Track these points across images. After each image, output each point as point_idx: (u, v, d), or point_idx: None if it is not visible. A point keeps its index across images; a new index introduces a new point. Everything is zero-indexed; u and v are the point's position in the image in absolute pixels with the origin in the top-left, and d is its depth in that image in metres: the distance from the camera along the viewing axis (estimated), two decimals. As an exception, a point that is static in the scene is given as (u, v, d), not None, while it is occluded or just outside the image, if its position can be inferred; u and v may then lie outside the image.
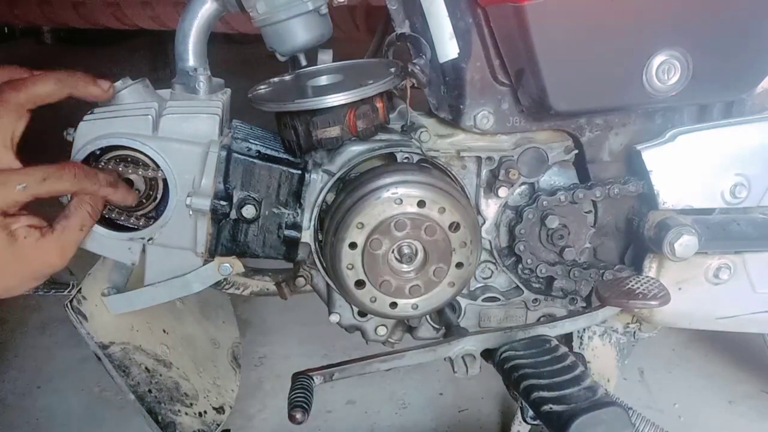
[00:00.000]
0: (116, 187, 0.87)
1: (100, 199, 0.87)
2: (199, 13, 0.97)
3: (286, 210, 0.96)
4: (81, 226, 0.85)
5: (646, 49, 0.92)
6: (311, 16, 0.97)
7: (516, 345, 0.91)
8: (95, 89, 0.89)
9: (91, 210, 0.86)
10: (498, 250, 1.07)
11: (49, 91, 0.85)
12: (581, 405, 0.77)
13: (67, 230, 0.84)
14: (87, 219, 0.85)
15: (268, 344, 1.75)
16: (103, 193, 0.86)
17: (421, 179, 0.90)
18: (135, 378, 1.02)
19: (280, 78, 1.03)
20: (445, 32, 0.96)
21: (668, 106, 1.03)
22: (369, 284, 0.91)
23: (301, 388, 0.86)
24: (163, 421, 1.02)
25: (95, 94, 0.89)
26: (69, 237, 0.84)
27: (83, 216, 0.85)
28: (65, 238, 0.83)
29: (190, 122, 0.92)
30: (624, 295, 0.91)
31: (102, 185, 0.85)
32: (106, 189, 0.86)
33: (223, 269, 0.98)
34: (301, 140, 0.93)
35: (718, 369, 1.63)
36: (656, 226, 1.01)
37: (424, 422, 1.50)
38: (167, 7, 2.30)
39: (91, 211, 0.86)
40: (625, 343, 1.15)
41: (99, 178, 0.85)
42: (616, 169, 1.06)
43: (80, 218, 0.85)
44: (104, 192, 0.86)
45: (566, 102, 0.94)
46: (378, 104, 0.94)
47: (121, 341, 1.02)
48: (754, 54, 0.96)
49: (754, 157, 1.02)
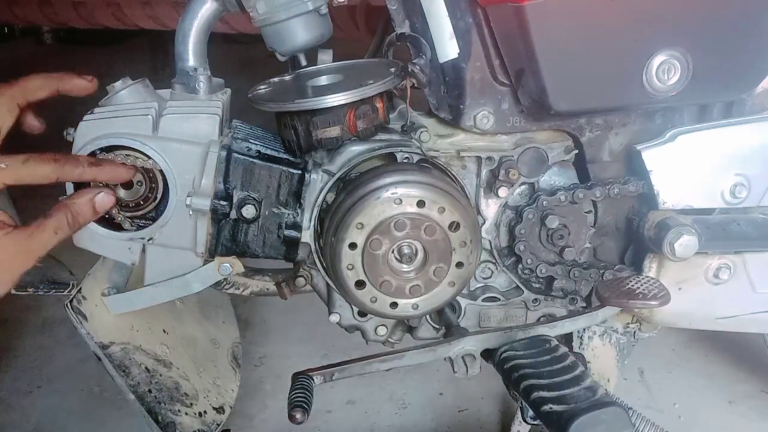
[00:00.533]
0: (100, 166, 0.87)
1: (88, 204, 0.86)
2: (199, 13, 0.97)
3: (286, 210, 0.96)
4: (56, 229, 0.82)
5: (646, 49, 0.92)
6: (311, 16, 0.97)
7: (516, 345, 0.91)
8: (80, 81, 0.90)
9: (71, 218, 0.84)
10: (498, 250, 1.08)
11: (38, 84, 0.87)
12: (581, 405, 0.77)
13: (40, 230, 0.81)
14: (64, 225, 0.83)
15: (268, 344, 1.76)
16: (88, 175, 0.85)
17: (421, 179, 0.90)
18: (135, 378, 1.02)
19: (280, 78, 1.03)
20: (445, 32, 0.96)
21: (668, 106, 1.03)
22: (369, 284, 0.91)
23: (301, 388, 0.86)
24: (163, 421, 1.02)
25: (80, 85, 0.90)
26: (40, 238, 0.81)
27: (60, 220, 0.83)
28: (36, 237, 0.81)
29: (190, 122, 0.92)
30: (624, 295, 0.91)
31: (84, 167, 0.85)
32: (90, 170, 0.85)
33: (223, 269, 0.98)
34: (301, 140, 0.93)
35: (718, 369, 1.63)
36: (656, 226, 1.01)
37: (424, 422, 1.50)
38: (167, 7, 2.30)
39: (71, 220, 0.84)
40: (625, 343, 1.15)
41: (80, 160, 0.85)
42: (616, 169, 1.06)
43: (57, 221, 0.82)
44: (89, 173, 0.85)
45: (566, 102, 0.94)
46: (378, 104, 0.94)
47: (121, 341, 1.02)
48: (754, 54, 0.96)
49: (754, 157, 1.02)
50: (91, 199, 0.87)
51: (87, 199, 0.87)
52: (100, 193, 0.88)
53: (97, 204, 0.87)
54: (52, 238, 0.82)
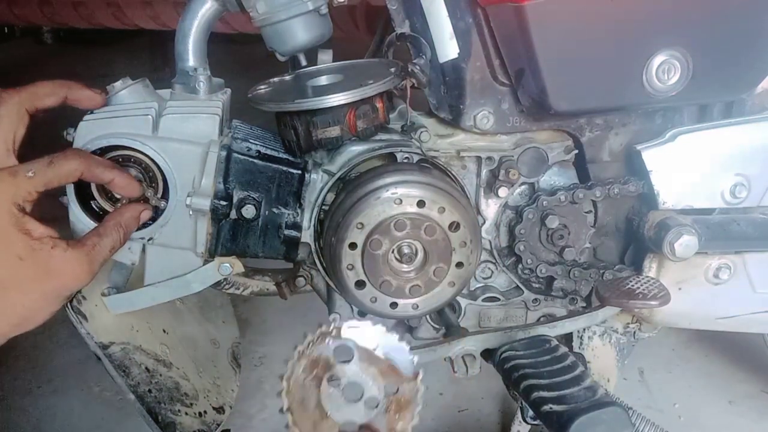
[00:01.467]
0: (121, 172, 0.86)
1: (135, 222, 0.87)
2: (199, 13, 0.97)
3: (286, 210, 0.96)
4: (112, 248, 0.84)
5: (646, 49, 0.92)
6: (311, 16, 0.97)
7: (516, 345, 0.91)
8: (89, 93, 0.89)
9: (123, 236, 0.85)
10: (498, 250, 1.08)
11: (46, 91, 0.85)
12: (581, 405, 0.77)
13: (98, 248, 0.81)
14: (118, 243, 0.85)
15: (268, 344, 1.75)
16: (108, 176, 0.84)
17: (421, 179, 0.90)
18: (135, 378, 1.02)
19: (280, 78, 1.03)
20: (445, 32, 0.96)
21: (668, 106, 1.03)
22: (369, 284, 0.91)
23: (301, 388, 0.86)
24: (163, 421, 1.02)
25: (89, 97, 0.89)
26: (99, 255, 0.81)
27: (116, 239, 0.84)
28: (95, 255, 0.81)
29: (190, 122, 0.92)
30: (624, 295, 0.91)
31: (106, 166, 0.84)
32: (111, 172, 0.84)
33: (223, 269, 0.98)
34: (301, 140, 0.93)
35: (718, 369, 1.63)
36: (656, 226, 1.01)
37: (424, 422, 1.49)
38: (167, 7, 2.31)
39: (122, 238, 0.85)
40: (625, 343, 1.15)
41: (101, 161, 0.85)
42: (616, 169, 1.06)
43: (113, 240, 0.84)
44: (110, 174, 0.84)
45: (566, 102, 0.94)
46: (378, 104, 0.94)
47: (121, 341, 1.02)
48: (754, 54, 0.96)
49: (754, 157, 1.02)
50: (139, 214, 0.88)
51: (136, 215, 0.88)
52: (145, 210, 0.89)
53: (142, 219, 0.89)
54: (108, 256, 0.83)
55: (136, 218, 0.88)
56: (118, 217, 0.86)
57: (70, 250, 0.78)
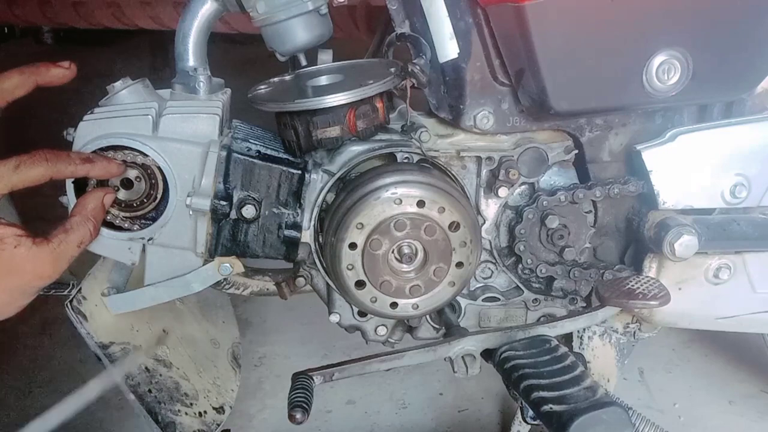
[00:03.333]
0: (92, 162, 0.85)
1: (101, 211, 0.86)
2: (199, 13, 0.97)
3: (286, 210, 0.96)
4: (79, 243, 0.83)
5: (646, 49, 0.92)
6: (311, 16, 0.97)
7: (516, 345, 0.91)
8: (57, 70, 0.89)
9: (92, 228, 0.84)
10: (498, 250, 1.08)
11: (14, 83, 0.85)
12: (581, 405, 0.77)
13: (64, 244, 0.81)
14: (87, 237, 0.84)
15: (268, 344, 1.75)
16: (81, 171, 0.84)
17: (421, 179, 0.90)
18: (135, 378, 1.02)
19: (280, 78, 1.03)
20: (445, 32, 0.96)
21: (668, 106, 1.03)
22: (369, 284, 0.91)
23: (301, 388, 0.86)
24: (163, 421, 1.02)
25: (59, 74, 0.89)
26: (65, 251, 0.81)
27: (84, 233, 0.83)
28: (61, 251, 0.81)
29: (190, 122, 0.92)
30: (624, 295, 0.91)
31: (77, 164, 0.84)
32: (82, 167, 0.84)
33: (223, 269, 0.98)
34: (301, 140, 0.93)
35: (718, 369, 1.63)
36: (656, 226, 1.01)
37: (424, 422, 1.50)
38: (167, 7, 2.30)
39: (92, 230, 0.85)
40: (625, 343, 1.15)
41: (72, 157, 0.84)
42: (616, 169, 1.06)
43: (80, 235, 0.83)
44: (82, 170, 0.84)
45: (566, 102, 0.94)
46: (378, 104, 0.94)
47: (121, 341, 1.02)
48: (754, 54, 0.96)
49: (754, 157, 1.02)
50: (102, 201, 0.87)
51: (99, 204, 0.87)
52: (107, 194, 0.88)
53: (107, 204, 0.88)
54: (76, 252, 0.83)
55: (100, 206, 0.87)
56: (82, 210, 0.85)
57: (35, 247, 0.78)
